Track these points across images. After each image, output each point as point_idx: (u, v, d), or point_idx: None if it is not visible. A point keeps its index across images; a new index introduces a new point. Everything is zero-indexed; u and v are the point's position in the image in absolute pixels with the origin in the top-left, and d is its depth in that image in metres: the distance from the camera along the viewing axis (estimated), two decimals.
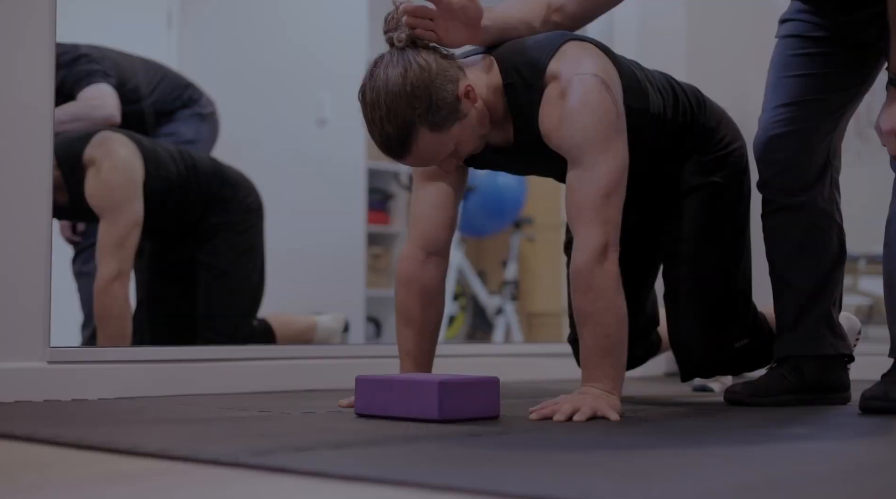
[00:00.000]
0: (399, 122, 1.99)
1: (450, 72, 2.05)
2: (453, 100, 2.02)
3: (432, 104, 2.00)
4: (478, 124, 2.09)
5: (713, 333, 2.36)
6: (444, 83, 2.02)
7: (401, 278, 2.28)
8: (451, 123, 2.03)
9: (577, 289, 2.02)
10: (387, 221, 6.09)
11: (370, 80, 2.03)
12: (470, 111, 2.06)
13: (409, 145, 2.02)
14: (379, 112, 2.00)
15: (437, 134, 2.02)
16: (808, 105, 2.32)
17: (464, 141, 2.08)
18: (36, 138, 2.42)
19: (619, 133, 2.05)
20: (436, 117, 2.01)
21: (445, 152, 2.06)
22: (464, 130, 2.06)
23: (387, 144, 2.03)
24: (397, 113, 1.99)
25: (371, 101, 2.02)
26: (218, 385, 2.69)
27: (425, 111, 1.99)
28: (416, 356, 2.29)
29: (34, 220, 2.40)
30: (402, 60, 2.03)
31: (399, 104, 1.99)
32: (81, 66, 3.40)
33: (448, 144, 2.05)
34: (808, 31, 2.34)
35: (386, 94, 2.00)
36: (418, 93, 1.99)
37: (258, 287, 3.49)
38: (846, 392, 2.38)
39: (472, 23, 2.12)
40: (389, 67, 2.02)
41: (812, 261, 2.34)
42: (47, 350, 2.40)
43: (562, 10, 2.23)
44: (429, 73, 2.01)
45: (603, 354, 2.01)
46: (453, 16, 2.09)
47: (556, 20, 2.24)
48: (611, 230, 2.01)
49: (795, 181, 2.33)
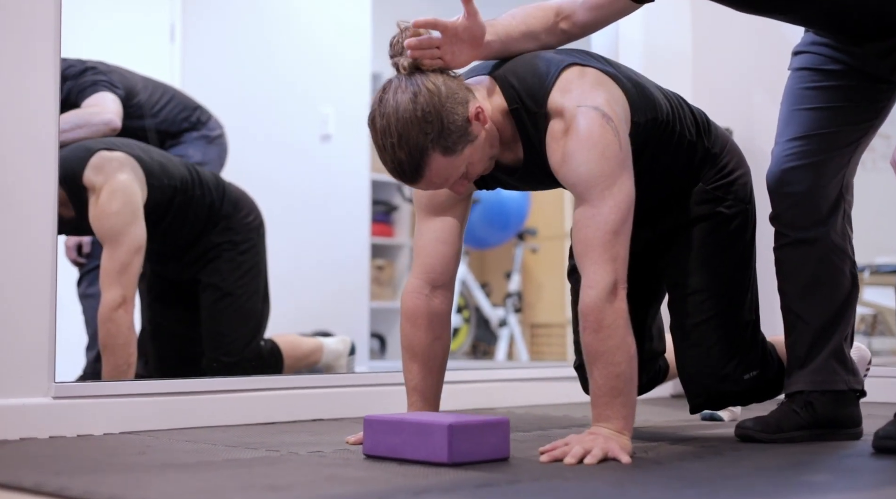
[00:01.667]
0: (411, 147, 1.98)
1: (459, 94, 2.04)
2: (464, 122, 2.02)
3: (444, 128, 1.99)
4: (488, 145, 2.09)
5: (722, 366, 2.34)
6: (455, 106, 2.01)
7: (406, 313, 2.27)
8: (462, 146, 2.02)
9: (587, 328, 2.00)
10: (390, 234, 6.08)
11: (380, 107, 2.02)
12: (480, 133, 2.05)
13: (422, 170, 2.01)
14: (390, 139, 1.99)
15: (449, 158, 2.01)
16: (821, 139, 2.30)
17: (475, 162, 2.07)
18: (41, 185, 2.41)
19: (624, 167, 2.03)
20: (447, 141, 2.00)
21: (457, 175, 2.06)
22: (475, 151, 2.05)
23: (399, 169, 2.02)
24: (409, 139, 1.98)
25: (382, 128, 2.00)
26: (224, 417, 2.67)
27: (437, 136, 1.98)
28: (423, 391, 2.28)
29: (39, 256, 2.38)
30: (412, 85, 2.01)
31: (410, 130, 1.98)
32: (87, 77, 3.41)
33: (460, 167, 2.04)
34: (821, 63, 2.31)
35: (397, 121, 1.98)
36: (429, 118, 1.98)
37: (263, 306, 3.47)
38: (858, 427, 2.36)
39: (476, 42, 2.11)
40: (399, 93, 2.01)
41: (824, 295, 2.32)
42: (52, 386, 2.39)
43: (571, 18, 2.21)
44: (439, 97, 2.00)
45: (613, 394, 1.99)
46: (458, 39, 2.08)
47: (564, 28, 2.22)
48: (619, 267, 2.00)
49: (808, 215, 2.31)
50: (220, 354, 3.32)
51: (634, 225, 2.06)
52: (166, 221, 3.22)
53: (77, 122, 3.28)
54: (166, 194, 3.18)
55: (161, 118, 3.63)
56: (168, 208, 3.20)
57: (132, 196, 3.08)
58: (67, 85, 3.36)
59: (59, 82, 2.46)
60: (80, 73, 3.42)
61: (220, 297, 3.35)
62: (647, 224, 2.35)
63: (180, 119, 3.66)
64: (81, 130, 3.29)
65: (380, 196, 5.67)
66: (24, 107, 2.40)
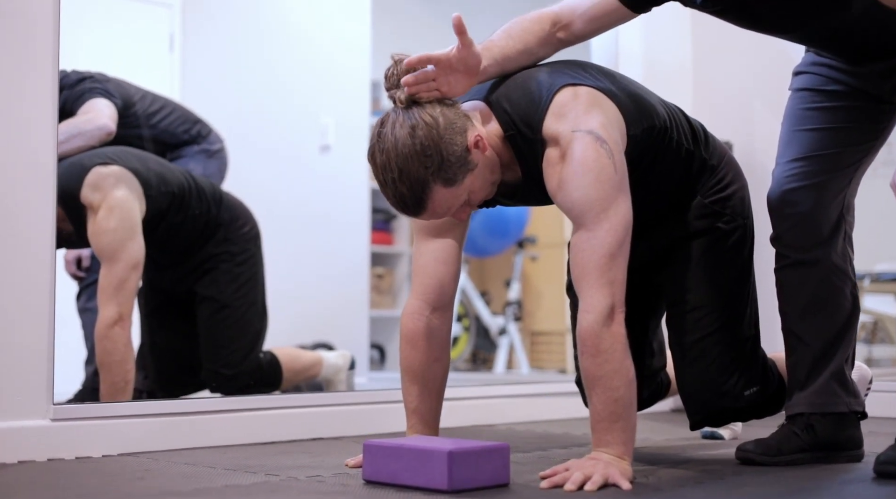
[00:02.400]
0: (412, 181, 1.99)
1: (458, 123, 2.04)
2: (463, 152, 2.02)
3: (444, 160, 1.99)
4: (488, 172, 2.10)
5: (722, 382, 2.33)
6: (454, 137, 2.01)
7: (405, 335, 2.26)
8: (463, 176, 2.03)
9: (585, 353, 1.99)
10: (390, 242, 6.07)
11: (379, 142, 2.02)
12: (480, 160, 2.06)
13: (425, 203, 2.02)
14: (391, 174, 2.00)
15: (450, 188, 2.02)
16: (822, 160, 2.29)
17: (476, 190, 2.08)
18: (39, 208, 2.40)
19: (620, 190, 2.02)
20: (448, 173, 2.00)
21: (459, 203, 2.07)
22: (475, 179, 2.06)
23: (402, 203, 2.03)
24: (409, 173, 1.98)
25: (382, 164, 2.01)
26: (223, 437, 2.67)
27: (437, 168, 1.99)
28: (423, 414, 2.27)
29: (37, 278, 2.38)
30: (409, 119, 2.02)
31: (411, 165, 1.98)
32: (83, 85, 3.40)
33: (461, 196, 2.05)
34: (822, 84, 2.31)
35: (397, 156, 1.99)
36: (429, 151, 1.98)
37: (262, 318, 3.46)
38: (859, 450, 2.35)
39: (471, 70, 2.10)
40: (397, 127, 2.01)
41: (825, 317, 2.31)
42: (51, 408, 2.38)
43: (569, 27, 2.21)
44: (437, 129, 2.00)
45: (613, 419, 1.99)
46: (453, 69, 2.08)
47: (561, 37, 2.22)
48: (616, 291, 1.99)
49: (809, 236, 2.30)
50: (218, 366, 3.32)
51: (633, 240, 2.06)
52: (163, 227, 3.21)
53: (72, 131, 3.27)
54: (164, 201, 3.17)
55: (161, 129, 3.62)
56: (165, 214, 3.19)
57: (129, 212, 3.07)
58: (63, 95, 3.35)
59: (57, 94, 2.46)
60: (76, 83, 3.41)
61: (217, 309, 3.34)
62: (645, 239, 2.34)
63: (180, 132, 3.66)
64: (77, 139, 3.28)
65: (379, 204, 5.67)
66: (21, 120, 2.39)
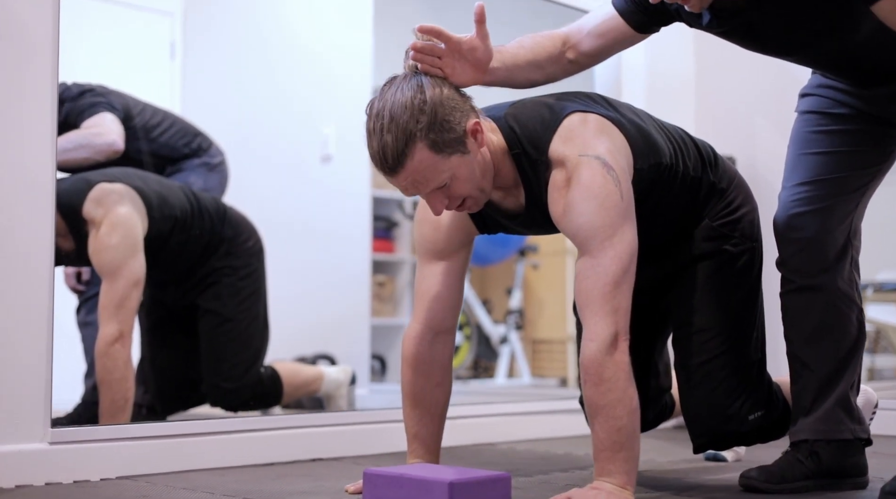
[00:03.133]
0: (398, 131, 1.94)
1: (462, 105, 2.02)
2: (459, 130, 1.99)
3: (436, 122, 1.96)
4: (479, 171, 2.04)
5: (727, 406, 2.31)
6: (453, 111, 1.99)
7: (408, 359, 2.24)
8: (451, 151, 1.98)
9: (587, 381, 1.97)
10: (391, 249, 6.05)
11: (380, 94, 2.00)
12: (475, 151, 2.02)
13: (404, 159, 1.96)
14: (381, 121, 1.96)
15: (434, 155, 1.97)
16: (828, 184, 2.27)
17: (460, 178, 2.01)
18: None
19: (625, 218, 2.00)
20: (437, 136, 1.96)
21: (438, 182, 2.00)
22: (463, 165, 2.00)
23: (382, 153, 1.97)
24: (398, 123, 1.94)
25: (376, 112, 1.98)
26: (222, 458, 2.65)
27: (427, 127, 1.95)
28: (424, 439, 2.25)
29: (35, 300, 2.36)
30: (416, 79, 2.00)
31: (402, 115, 1.95)
32: (85, 99, 3.40)
33: (443, 173, 1.99)
34: (829, 107, 2.29)
35: (392, 105, 1.96)
36: (424, 108, 1.95)
37: (263, 332, 3.45)
38: (864, 477, 2.33)
39: (480, 65, 2.08)
40: (402, 85, 1.99)
41: (831, 343, 2.29)
42: (48, 431, 2.36)
43: (577, 47, 2.21)
44: (440, 96, 1.98)
45: (615, 448, 1.97)
46: (462, 56, 2.06)
47: (571, 58, 2.22)
48: (620, 319, 1.97)
49: (815, 261, 2.28)
50: (219, 380, 3.30)
51: (639, 263, 2.04)
52: (166, 249, 3.20)
53: (80, 142, 3.27)
54: (167, 224, 3.16)
55: (161, 143, 3.60)
56: (168, 238, 3.18)
57: (132, 229, 3.06)
58: (66, 107, 3.35)
59: (57, 108, 2.44)
60: (79, 96, 3.41)
61: (219, 323, 3.33)
62: (653, 262, 2.32)
63: (181, 145, 3.64)
64: (84, 150, 3.28)
65: (380, 212, 5.65)
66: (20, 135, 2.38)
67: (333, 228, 4.92)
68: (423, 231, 2.25)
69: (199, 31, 4.86)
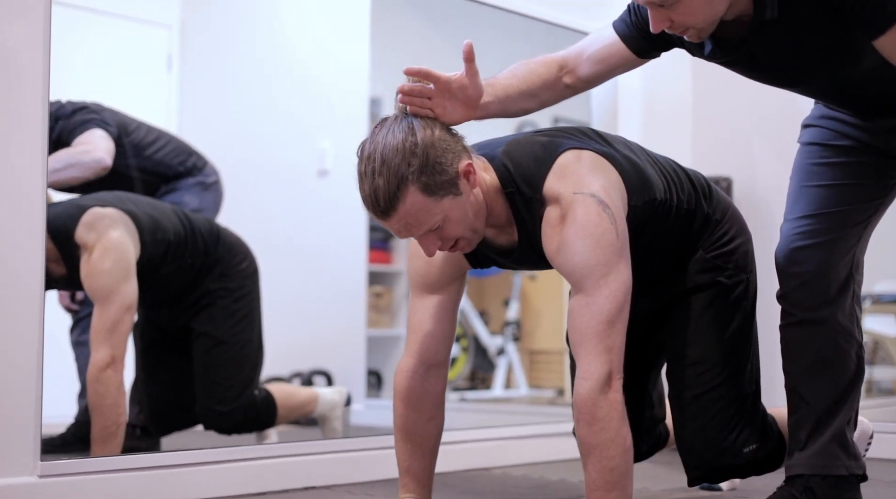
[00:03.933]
0: (390, 175, 1.92)
1: (454, 146, 2.00)
2: (451, 171, 1.97)
3: (428, 165, 1.94)
4: (471, 211, 2.02)
5: (721, 439, 2.29)
6: (445, 152, 1.97)
7: (400, 393, 2.23)
8: (444, 193, 1.96)
9: (581, 420, 1.96)
10: (388, 260, 6.04)
11: (371, 137, 1.99)
12: (467, 193, 2.00)
13: (396, 203, 1.94)
14: (372, 164, 1.94)
15: (427, 198, 1.95)
16: (831, 217, 2.25)
17: (453, 220, 2.00)
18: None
19: (620, 256, 1.99)
20: (429, 179, 1.94)
21: (430, 224, 1.98)
22: (456, 207, 1.99)
23: (374, 196, 1.95)
24: (390, 166, 1.93)
25: (367, 155, 1.96)
26: (215, 488, 2.64)
27: (419, 170, 1.93)
28: (416, 474, 2.24)
29: (25, 334, 2.35)
30: (407, 121, 1.98)
31: (394, 158, 1.93)
32: (78, 116, 3.39)
33: (435, 215, 1.97)
34: (831, 139, 2.27)
35: (383, 148, 1.94)
36: (416, 151, 1.94)
37: (257, 354, 3.43)
38: None
39: (471, 102, 2.07)
40: (394, 126, 1.98)
41: (829, 378, 2.27)
42: (38, 464, 2.35)
43: (575, 72, 2.19)
44: (431, 138, 1.97)
45: (608, 488, 1.96)
46: (452, 94, 2.04)
47: (567, 82, 2.20)
48: (614, 358, 1.96)
49: (817, 295, 2.26)
50: (213, 403, 3.28)
51: (634, 295, 2.02)
52: (159, 273, 3.18)
53: (68, 161, 3.26)
54: (159, 249, 3.14)
55: (156, 161, 3.59)
56: (162, 262, 3.17)
57: (124, 253, 3.04)
58: (59, 125, 3.34)
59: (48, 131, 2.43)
60: (72, 114, 3.39)
61: (213, 345, 3.31)
62: (647, 294, 2.31)
63: (176, 163, 3.63)
64: (73, 169, 3.26)
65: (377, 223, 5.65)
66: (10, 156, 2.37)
67: (330, 242, 4.92)
68: (415, 265, 2.24)
69: (196, 43, 4.86)
